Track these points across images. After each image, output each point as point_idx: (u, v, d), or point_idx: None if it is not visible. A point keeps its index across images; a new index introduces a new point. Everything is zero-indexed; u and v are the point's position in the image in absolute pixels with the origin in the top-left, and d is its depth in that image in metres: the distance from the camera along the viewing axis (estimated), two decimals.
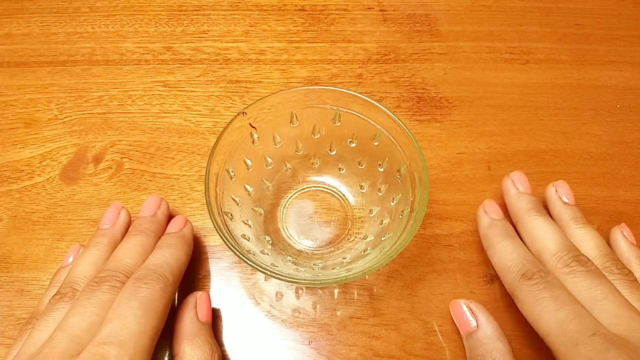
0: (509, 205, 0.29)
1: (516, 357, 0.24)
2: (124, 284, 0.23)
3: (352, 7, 0.42)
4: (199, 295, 0.26)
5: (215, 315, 0.28)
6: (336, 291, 0.29)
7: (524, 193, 0.29)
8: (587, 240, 0.27)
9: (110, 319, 0.21)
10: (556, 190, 0.29)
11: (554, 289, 0.23)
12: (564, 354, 0.21)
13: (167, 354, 0.26)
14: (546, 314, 0.22)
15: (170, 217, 0.29)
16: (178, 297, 0.29)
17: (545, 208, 0.29)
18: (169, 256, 0.25)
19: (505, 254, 0.26)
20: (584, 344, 0.20)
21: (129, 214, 0.29)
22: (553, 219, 0.28)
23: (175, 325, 0.24)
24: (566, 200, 0.29)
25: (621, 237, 0.28)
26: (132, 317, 0.21)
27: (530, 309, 0.23)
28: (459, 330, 0.28)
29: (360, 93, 0.27)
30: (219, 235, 0.24)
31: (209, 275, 0.30)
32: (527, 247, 0.27)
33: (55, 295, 0.24)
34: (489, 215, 0.28)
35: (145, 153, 0.34)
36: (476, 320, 0.26)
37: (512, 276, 0.25)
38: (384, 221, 0.28)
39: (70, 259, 0.28)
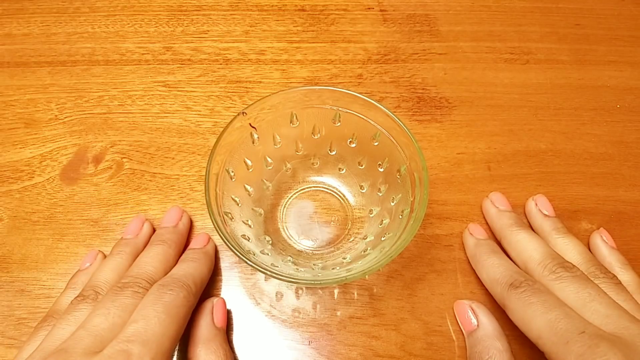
0: (491, 224, 0.30)
1: (515, 357, 0.24)
2: (146, 289, 0.24)
3: (352, 7, 0.42)
4: (215, 300, 0.27)
5: None
6: (336, 291, 0.29)
7: (504, 210, 0.30)
8: (569, 248, 0.27)
9: (134, 320, 0.21)
10: (536, 204, 0.31)
11: (542, 294, 0.24)
12: (555, 353, 0.21)
13: (178, 356, 0.26)
14: (536, 317, 0.23)
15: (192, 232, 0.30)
16: None
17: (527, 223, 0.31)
18: (192, 269, 0.26)
19: (492, 268, 0.27)
20: (575, 341, 0.21)
21: (152, 226, 0.30)
22: (535, 232, 0.29)
23: (191, 329, 0.25)
24: (546, 213, 0.30)
25: (601, 241, 0.29)
26: (155, 319, 0.21)
27: (521, 315, 0.24)
28: (458, 331, 0.28)
29: (360, 93, 0.27)
30: (219, 235, 0.24)
31: (209, 275, 0.30)
32: (514, 260, 0.28)
33: (77, 297, 0.25)
34: (474, 237, 0.29)
35: (145, 153, 0.34)
36: (477, 319, 0.26)
37: (500, 287, 0.25)
38: (384, 221, 0.28)
39: (88, 264, 0.29)
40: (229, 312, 0.28)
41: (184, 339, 0.25)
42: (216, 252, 0.30)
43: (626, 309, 0.23)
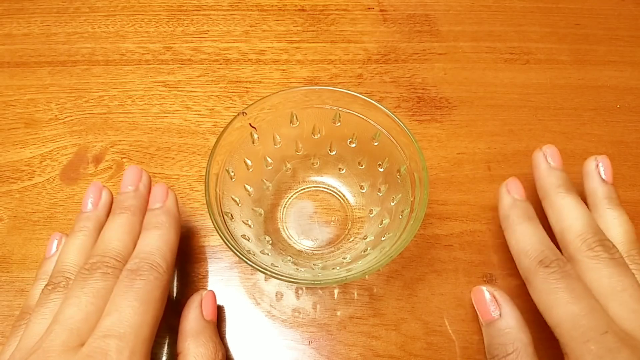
0: (538, 179, 0.28)
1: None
2: (116, 269, 0.23)
3: (352, 7, 0.42)
4: (204, 293, 0.26)
5: None
6: (336, 291, 0.29)
7: (555, 168, 0.27)
8: (616, 224, 0.25)
9: (108, 312, 0.21)
10: (597, 165, 0.27)
11: (571, 280, 0.22)
12: (572, 348, 0.21)
13: (166, 351, 0.26)
14: (560, 306, 0.22)
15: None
16: (181, 296, 0.29)
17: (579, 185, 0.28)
18: (158, 240, 0.24)
19: (524, 237, 0.25)
20: (595, 341, 0.20)
21: (111, 193, 0.28)
22: (585, 196, 0.27)
23: (180, 323, 0.25)
24: (605, 178, 0.27)
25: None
26: (129, 309, 0.21)
27: (544, 298, 0.22)
28: (458, 331, 0.28)
29: (360, 93, 0.27)
30: (219, 235, 0.24)
31: (209, 275, 0.30)
32: (552, 225, 0.26)
33: (47, 285, 0.24)
34: (511, 195, 0.27)
35: (145, 153, 0.34)
36: (499, 309, 0.25)
37: (529, 261, 0.24)
38: (384, 221, 0.28)
39: (54, 250, 0.27)
40: (228, 310, 0.28)
41: (173, 333, 0.25)
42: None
43: None
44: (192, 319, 0.24)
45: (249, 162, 0.29)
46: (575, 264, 0.24)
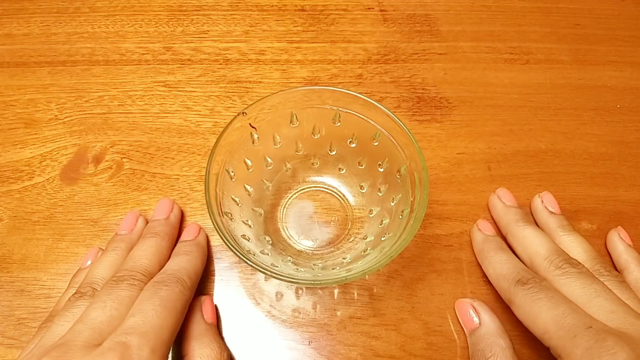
0: (498, 219, 0.31)
1: (517, 354, 0.24)
2: (142, 282, 0.24)
3: (352, 7, 0.42)
4: (203, 298, 0.27)
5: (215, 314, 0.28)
6: (336, 291, 0.29)
7: (510, 206, 0.30)
8: (574, 246, 0.28)
9: (132, 314, 0.22)
10: (542, 201, 0.31)
11: (549, 291, 0.24)
12: (562, 347, 0.22)
13: (170, 356, 0.26)
14: (543, 313, 0.23)
15: (183, 223, 0.30)
16: None
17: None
18: (185, 262, 0.26)
19: (499, 264, 0.27)
20: (582, 335, 0.21)
21: (146, 221, 0.30)
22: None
23: (183, 327, 0.25)
24: (552, 210, 0.30)
25: (618, 238, 0.30)
26: (153, 312, 0.22)
27: (527, 310, 0.24)
28: (458, 331, 0.28)
29: (360, 93, 0.27)
30: (219, 235, 0.24)
31: (210, 275, 0.30)
32: (519, 255, 0.28)
33: (74, 294, 0.25)
34: (482, 233, 0.29)
35: (145, 153, 0.34)
36: (479, 317, 0.26)
37: (507, 283, 0.25)
38: (384, 221, 0.28)
39: (89, 262, 0.29)
40: (228, 310, 0.28)
41: (178, 338, 0.25)
42: (208, 242, 0.30)
43: (631, 306, 0.23)
44: (194, 322, 0.25)
45: (249, 162, 0.29)
46: (549, 283, 0.25)
